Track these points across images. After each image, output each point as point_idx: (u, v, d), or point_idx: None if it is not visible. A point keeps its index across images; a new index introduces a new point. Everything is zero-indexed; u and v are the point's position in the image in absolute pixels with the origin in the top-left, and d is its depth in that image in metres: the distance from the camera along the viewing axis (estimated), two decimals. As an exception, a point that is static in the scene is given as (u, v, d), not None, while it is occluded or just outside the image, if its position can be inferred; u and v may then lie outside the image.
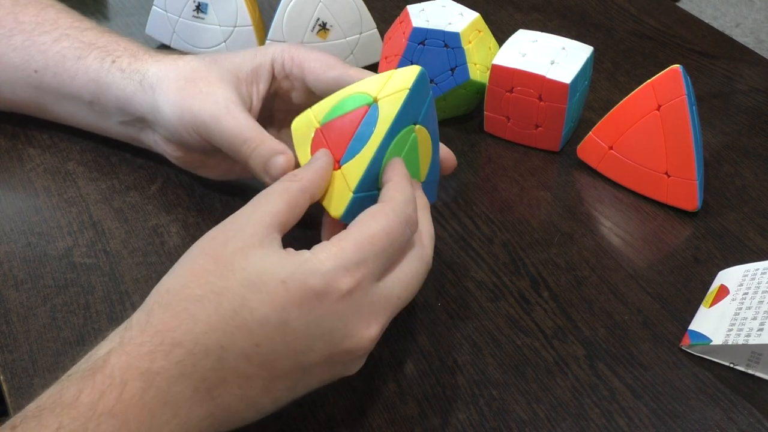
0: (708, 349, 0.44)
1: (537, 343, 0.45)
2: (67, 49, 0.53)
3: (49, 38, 0.53)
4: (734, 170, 0.59)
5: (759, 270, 0.47)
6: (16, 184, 0.54)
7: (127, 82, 0.50)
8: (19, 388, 0.41)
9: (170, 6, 0.65)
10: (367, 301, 0.37)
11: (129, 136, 0.54)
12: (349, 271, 0.36)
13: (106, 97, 0.52)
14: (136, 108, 0.50)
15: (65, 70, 0.52)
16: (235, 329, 0.34)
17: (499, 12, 0.78)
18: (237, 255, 0.36)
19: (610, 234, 0.53)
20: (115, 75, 0.51)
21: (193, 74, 0.48)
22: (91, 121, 0.55)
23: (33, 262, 0.48)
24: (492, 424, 0.41)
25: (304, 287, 0.35)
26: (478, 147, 0.60)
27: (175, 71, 0.49)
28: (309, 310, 0.35)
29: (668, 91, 0.52)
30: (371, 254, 0.37)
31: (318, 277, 0.35)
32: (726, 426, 0.41)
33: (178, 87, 0.48)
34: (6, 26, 0.54)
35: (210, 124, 0.46)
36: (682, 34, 0.76)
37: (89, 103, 0.53)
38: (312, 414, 0.41)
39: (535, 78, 0.56)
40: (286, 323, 0.35)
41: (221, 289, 0.35)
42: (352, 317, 0.36)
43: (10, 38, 0.54)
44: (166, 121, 0.49)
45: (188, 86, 0.48)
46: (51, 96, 0.54)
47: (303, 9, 0.63)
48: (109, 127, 0.55)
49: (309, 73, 0.48)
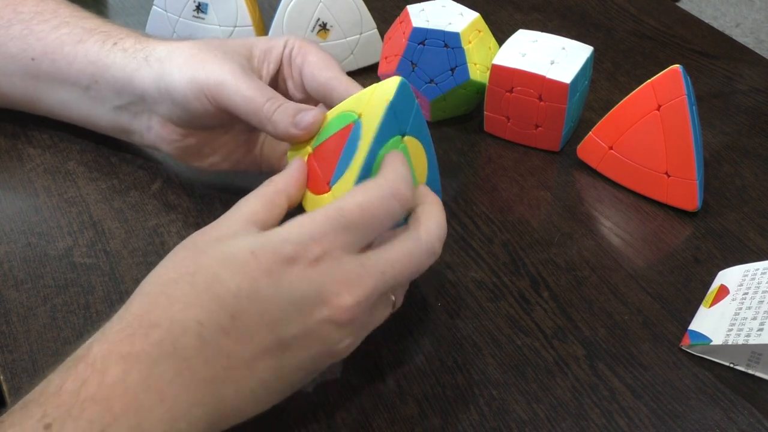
0: (708, 349, 0.44)
1: (537, 343, 0.45)
2: (67, 35, 0.53)
3: (48, 26, 0.53)
4: (734, 170, 0.59)
5: (759, 270, 0.47)
6: (16, 184, 0.54)
7: (129, 60, 0.50)
8: (19, 388, 0.41)
9: (170, 6, 0.65)
10: (339, 271, 0.36)
11: (120, 125, 0.53)
12: (317, 240, 0.36)
13: (104, 78, 0.51)
14: (136, 86, 0.50)
15: (63, 56, 0.52)
16: (210, 303, 0.35)
17: (499, 12, 0.78)
18: (212, 242, 0.37)
19: (610, 234, 0.53)
20: (116, 55, 0.51)
21: (207, 45, 0.49)
22: (83, 110, 0.54)
23: (33, 262, 0.48)
24: (492, 424, 0.41)
25: (273, 256, 0.36)
26: (478, 147, 0.60)
27: (186, 45, 0.49)
28: (279, 277, 0.35)
29: (668, 91, 0.52)
30: (341, 226, 0.37)
31: (287, 245, 0.36)
32: (726, 426, 0.41)
33: (191, 54, 0.48)
34: (4, 17, 0.54)
35: (227, 83, 0.46)
36: (682, 34, 0.76)
37: (85, 89, 0.52)
38: (312, 414, 0.41)
39: (535, 78, 0.56)
40: (257, 292, 0.35)
41: (195, 268, 0.36)
42: (323, 285, 0.36)
43: (9, 28, 0.54)
44: (173, 89, 0.48)
45: (202, 53, 0.48)
46: (46, 84, 0.54)
47: (303, 9, 0.63)
48: (100, 117, 0.54)
49: (307, 65, 0.48)
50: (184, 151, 0.52)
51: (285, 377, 0.37)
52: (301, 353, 0.37)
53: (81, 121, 0.55)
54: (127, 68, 0.50)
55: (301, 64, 0.49)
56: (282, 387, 0.37)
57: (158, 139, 0.52)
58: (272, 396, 0.37)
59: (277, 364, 0.36)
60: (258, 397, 0.36)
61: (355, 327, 0.38)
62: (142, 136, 0.53)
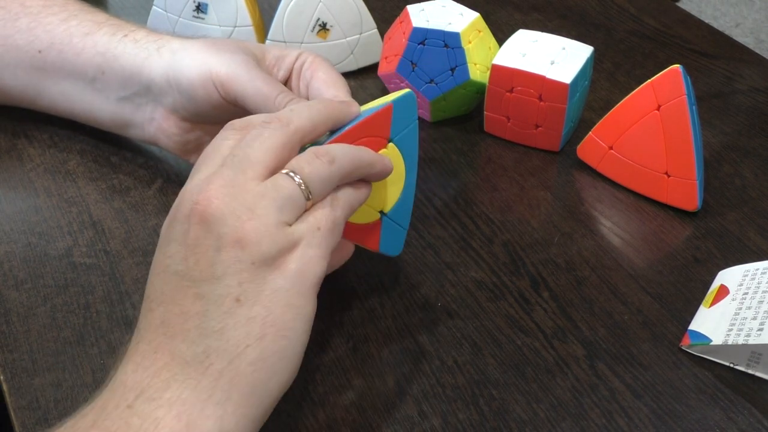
0: (708, 349, 0.44)
1: (537, 343, 0.45)
2: (75, 27, 0.53)
3: (56, 18, 0.54)
4: (734, 170, 0.59)
5: (759, 270, 0.47)
6: (16, 184, 0.54)
7: (139, 50, 0.51)
8: (19, 388, 0.41)
9: (170, 6, 0.65)
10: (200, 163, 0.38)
11: (121, 118, 0.54)
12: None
13: (112, 69, 0.51)
14: (144, 75, 0.50)
15: (71, 47, 0.52)
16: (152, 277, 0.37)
17: (499, 12, 0.78)
18: None
19: (610, 234, 0.53)
20: (126, 45, 0.51)
21: (222, 41, 0.50)
22: (86, 102, 0.54)
23: (33, 262, 0.48)
24: (492, 424, 0.41)
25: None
26: (478, 147, 0.60)
27: (201, 40, 0.50)
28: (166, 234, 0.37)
29: (668, 91, 0.52)
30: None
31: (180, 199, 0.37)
32: (726, 426, 0.41)
33: (206, 45, 0.49)
34: (12, 10, 0.54)
35: (240, 73, 0.46)
36: (682, 34, 0.76)
37: (90, 81, 0.53)
38: (312, 414, 0.41)
39: (535, 78, 0.56)
40: (162, 238, 0.37)
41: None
42: (190, 185, 0.37)
43: (16, 21, 0.54)
44: (182, 76, 0.48)
45: (216, 45, 0.49)
46: (51, 76, 0.54)
47: (303, 9, 0.63)
48: (102, 109, 0.54)
49: (315, 81, 0.49)
50: (183, 146, 0.52)
51: (215, 298, 0.35)
52: (198, 265, 0.35)
53: (82, 114, 0.55)
54: (137, 57, 0.51)
55: (309, 78, 0.49)
56: (224, 307, 0.35)
57: (159, 132, 0.52)
58: (228, 322, 0.34)
59: (195, 292, 0.35)
60: (212, 328, 0.34)
61: (238, 205, 0.36)
62: (143, 128, 0.53)
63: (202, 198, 0.35)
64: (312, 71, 0.49)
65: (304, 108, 0.40)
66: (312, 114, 0.40)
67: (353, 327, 0.46)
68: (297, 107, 0.40)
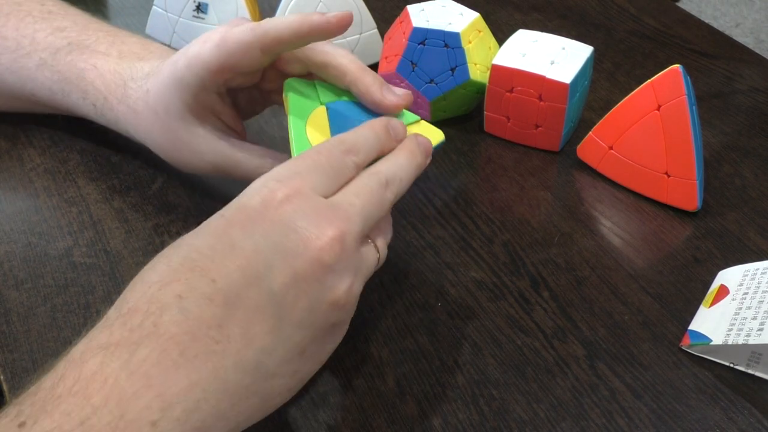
0: (708, 349, 0.44)
1: (537, 343, 0.45)
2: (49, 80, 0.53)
3: (31, 62, 0.53)
4: (734, 170, 0.59)
5: (759, 270, 0.47)
6: (16, 184, 0.54)
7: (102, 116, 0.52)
8: (19, 388, 0.41)
9: (170, 6, 0.65)
10: (311, 206, 0.36)
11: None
12: (282, 182, 0.36)
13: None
14: (120, 127, 0.52)
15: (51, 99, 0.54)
16: (188, 273, 0.33)
17: (499, 12, 0.78)
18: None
19: (610, 234, 0.53)
20: (89, 110, 0.53)
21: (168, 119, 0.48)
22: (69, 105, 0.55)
23: (33, 262, 0.49)
24: (492, 424, 0.41)
25: (242, 210, 0.36)
26: (478, 147, 0.60)
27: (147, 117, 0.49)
28: (252, 226, 0.35)
29: (668, 91, 0.52)
30: (303, 168, 0.37)
31: (253, 196, 0.36)
32: (726, 426, 0.41)
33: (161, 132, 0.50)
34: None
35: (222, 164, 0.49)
36: (682, 34, 0.76)
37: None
38: (312, 414, 0.41)
39: (535, 78, 0.56)
40: (233, 246, 0.34)
41: (171, 251, 0.35)
42: (299, 220, 0.35)
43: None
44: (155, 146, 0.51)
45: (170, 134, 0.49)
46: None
47: (303, 9, 0.63)
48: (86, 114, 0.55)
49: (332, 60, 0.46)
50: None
51: (288, 341, 0.34)
52: (295, 306, 0.34)
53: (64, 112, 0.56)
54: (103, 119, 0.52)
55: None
56: (289, 355, 0.35)
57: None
58: (283, 367, 0.35)
59: (274, 324, 0.34)
60: (266, 369, 0.34)
61: (346, 266, 0.36)
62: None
63: (325, 244, 0.35)
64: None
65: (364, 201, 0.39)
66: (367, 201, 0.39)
67: (353, 327, 0.46)
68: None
